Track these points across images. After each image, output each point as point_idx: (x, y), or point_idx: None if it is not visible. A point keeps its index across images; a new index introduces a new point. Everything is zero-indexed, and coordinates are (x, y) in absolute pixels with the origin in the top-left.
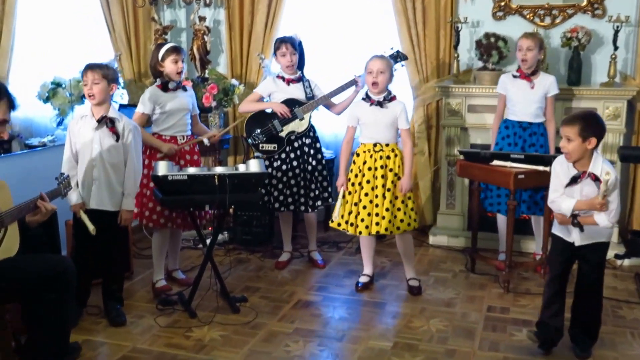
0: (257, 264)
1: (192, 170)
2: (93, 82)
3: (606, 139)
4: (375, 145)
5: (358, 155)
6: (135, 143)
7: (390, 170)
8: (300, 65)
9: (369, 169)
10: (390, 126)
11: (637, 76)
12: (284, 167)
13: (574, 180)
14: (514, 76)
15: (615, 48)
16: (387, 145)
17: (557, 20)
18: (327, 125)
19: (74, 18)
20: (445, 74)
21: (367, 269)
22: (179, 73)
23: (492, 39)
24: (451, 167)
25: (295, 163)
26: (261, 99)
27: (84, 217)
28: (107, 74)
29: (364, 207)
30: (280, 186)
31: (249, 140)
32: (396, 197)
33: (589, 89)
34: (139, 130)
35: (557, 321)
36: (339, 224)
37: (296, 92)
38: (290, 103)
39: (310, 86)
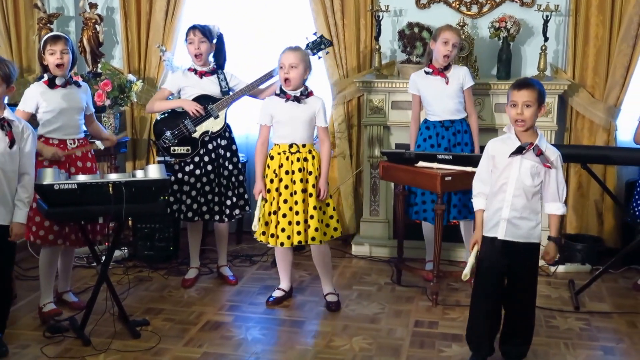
0: (161, 282)
1: (82, 177)
2: None
3: None
4: (291, 146)
5: (272, 157)
6: (32, 149)
7: (310, 173)
8: (220, 60)
9: (287, 172)
10: (307, 124)
11: (569, 69)
12: (197, 171)
13: (519, 151)
14: (427, 72)
15: (545, 39)
16: (303, 146)
17: (485, 9)
18: (238, 125)
19: None
20: (367, 67)
21: (284, 283)
22: (59, 66)
23: (416, 29)
24: (374, 170)
25: (209, 167)
26: (170, 96)
27: None
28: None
29: (284, 216)
30: (193, 193)
31: (159, 143)
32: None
33: None
34: (36, 135)
35: (490, 338)
36: (263, 233)
37: (210, 86)
38: (204, 99)
39: (225, 79)
